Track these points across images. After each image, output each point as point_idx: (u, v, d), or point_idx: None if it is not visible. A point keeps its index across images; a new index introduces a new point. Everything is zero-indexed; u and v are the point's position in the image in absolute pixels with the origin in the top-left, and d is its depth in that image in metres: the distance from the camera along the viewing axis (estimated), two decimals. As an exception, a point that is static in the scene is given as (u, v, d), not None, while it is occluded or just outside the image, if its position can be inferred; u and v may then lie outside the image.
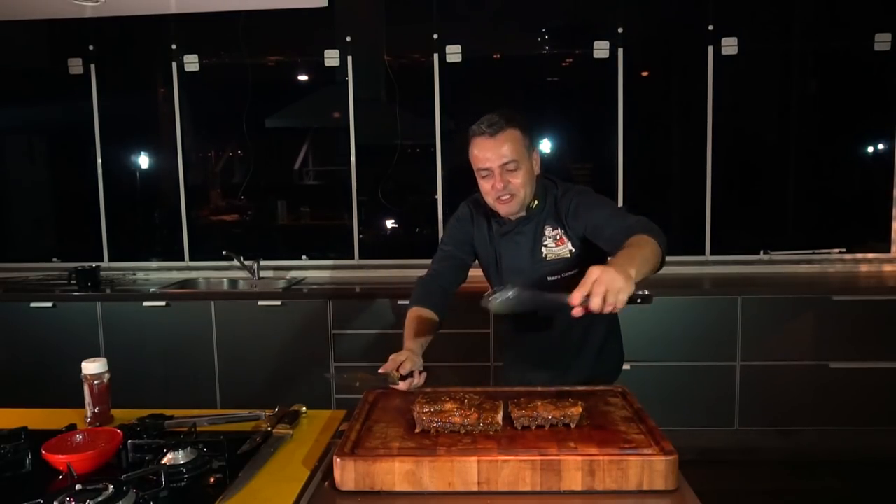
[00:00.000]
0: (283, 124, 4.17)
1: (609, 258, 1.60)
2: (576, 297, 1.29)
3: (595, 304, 1.27)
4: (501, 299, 1.41)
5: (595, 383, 1.66)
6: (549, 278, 1.76)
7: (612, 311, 1.29)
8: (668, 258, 1.54)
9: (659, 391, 3.35)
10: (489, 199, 1.77)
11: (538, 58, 3.98)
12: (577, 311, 1.30)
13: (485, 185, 1.75)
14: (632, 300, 1.31)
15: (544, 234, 1.79)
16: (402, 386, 1.59)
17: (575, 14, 3.97)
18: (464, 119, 3.94)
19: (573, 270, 1.74)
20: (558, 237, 1.77)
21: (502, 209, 1.77)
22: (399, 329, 1.73)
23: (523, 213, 1.80)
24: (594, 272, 1.29)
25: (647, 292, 1.35)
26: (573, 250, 1.76)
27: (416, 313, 1.82)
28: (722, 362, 3.38)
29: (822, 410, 3.37)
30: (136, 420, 1.51)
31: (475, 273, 1.94)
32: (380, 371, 1.61)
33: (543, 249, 1.78)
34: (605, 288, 1.27)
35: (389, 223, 4.15)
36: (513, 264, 1.83)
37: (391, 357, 1.64)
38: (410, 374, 1.60)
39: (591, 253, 1.72)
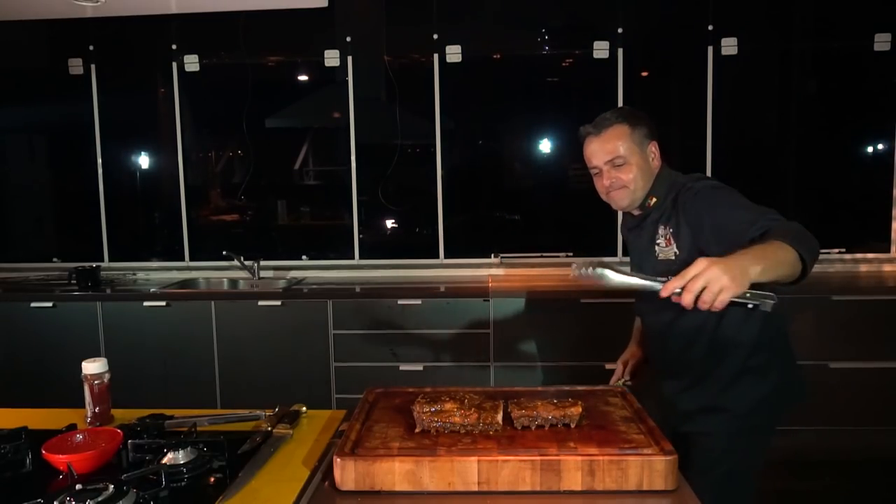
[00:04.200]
0: (283, 124, 4.16)
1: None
2: (668, 287, 1.16)
3: (686, 299, 1.14)
4: (581, 273, 1.27)
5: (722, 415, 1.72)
6: (660, 279, 1.67)
7: (709, 309, 1.15)
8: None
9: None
10: (602, 196, 1.78)
11: (538, 58, 3.98)
12: (666, 293, 1.19)
13: (597, 184, 1.78)
14: (741, 302, 1.15)
15: (657, 232, 1.71)
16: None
17: (575, 14, 3.97)
18: (464, 119, 3.97)
19: None
20: (667, 237, 1.68)
21: (613, 202, 1.76)
22: (399, 329, 1.73)
23: (639, 211, 1.78)
24: (700, 263, 1.15)
25: (767, 299, 1.15)
26: (678, 253, 1.64)
27: (637, 322, 2.01)
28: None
29: (822, 410, 3.36)
30: (136, 420, 1.51)
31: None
32: (611, 382, 1.86)
33: (656, 248, 1.71)
34: (704, 284, 1.13)
35: (389, 223, 4.15)
36: (635, 261, 1.83)
37: (618, 361, 1.92)
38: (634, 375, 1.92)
39: None
